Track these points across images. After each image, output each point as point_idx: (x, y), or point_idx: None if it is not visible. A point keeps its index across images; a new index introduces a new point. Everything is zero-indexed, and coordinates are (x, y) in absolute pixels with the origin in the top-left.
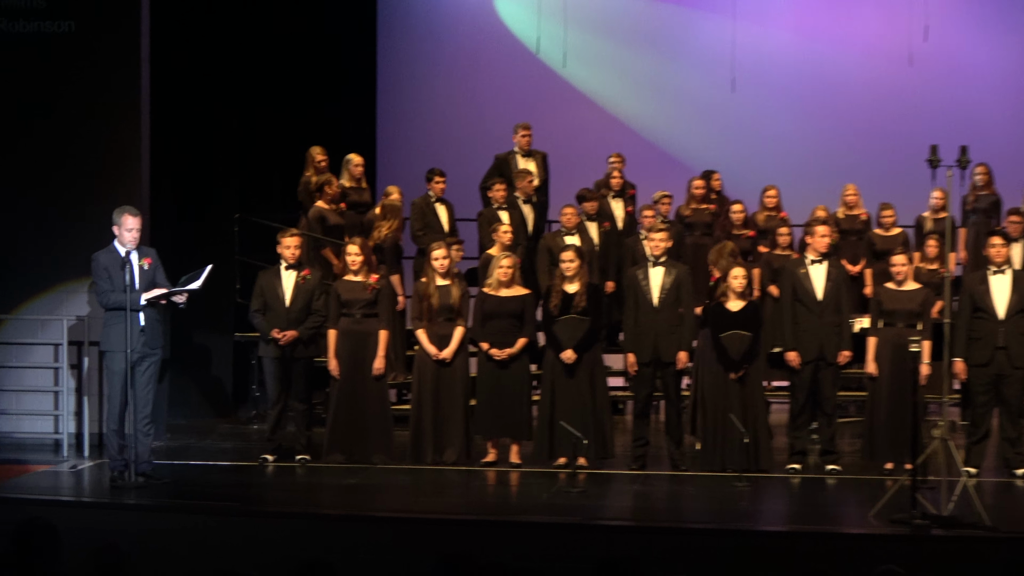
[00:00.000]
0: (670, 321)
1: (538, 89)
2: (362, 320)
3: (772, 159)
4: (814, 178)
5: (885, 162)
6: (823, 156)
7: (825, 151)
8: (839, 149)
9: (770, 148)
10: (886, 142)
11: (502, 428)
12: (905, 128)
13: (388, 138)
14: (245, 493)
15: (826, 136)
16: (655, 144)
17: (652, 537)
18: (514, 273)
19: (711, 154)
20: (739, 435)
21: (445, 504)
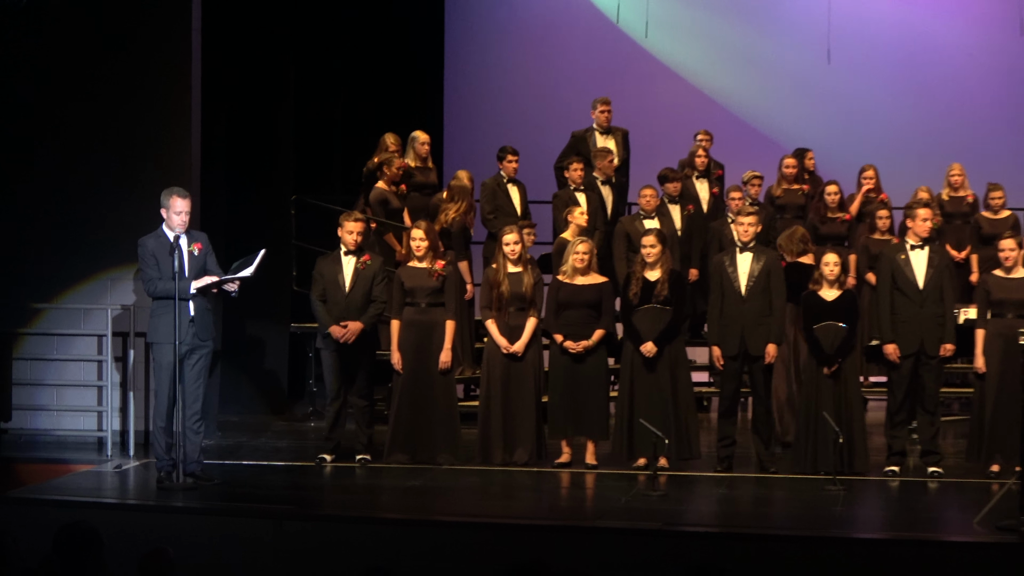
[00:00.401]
0: (759, 311)
1: (618, 61)
2: (427, 310)
3: (870, 136)
4: (916, 157)
5: (994, 139)
6: (926, 133)
7: (928, 127)
8: (944, 125)
9: (868, 124)
10: (995, 117)
11: (577, 426)
12: (1016, 102)
13: (456, 114)
14: (301, 496)
15: (929, 111)
16: (744, 120)
17: (738, 544)
18: (591, 259)
19: (804, 131)
20: (833, 434)
21: (515, 508)
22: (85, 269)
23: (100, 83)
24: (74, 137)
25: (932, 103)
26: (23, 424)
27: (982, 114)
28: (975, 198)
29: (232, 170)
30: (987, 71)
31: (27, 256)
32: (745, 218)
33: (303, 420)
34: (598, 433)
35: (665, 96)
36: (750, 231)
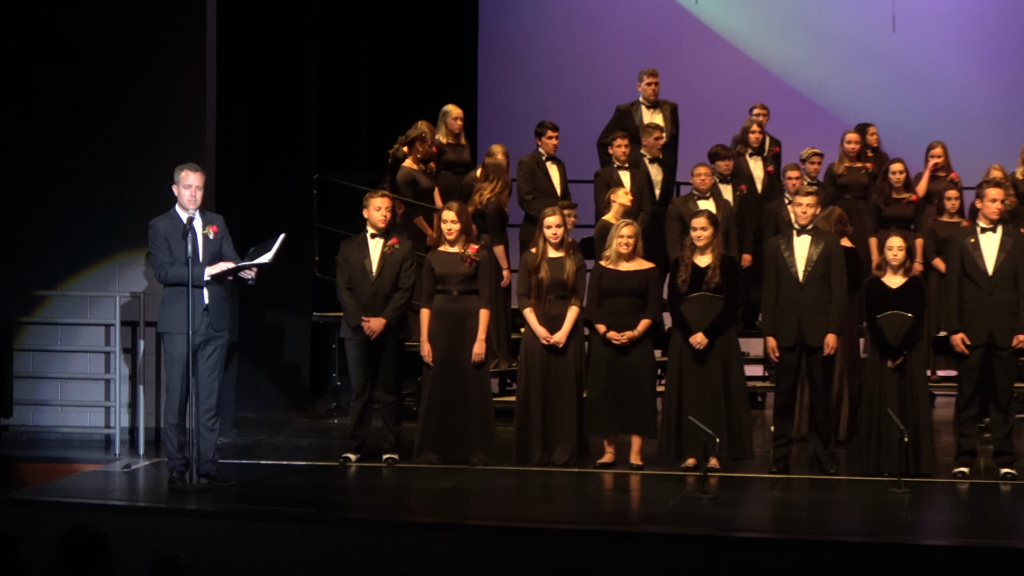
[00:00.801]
0: (817, 299)
1: (667, 29)
2: (459, 298)
3: (939, 110)
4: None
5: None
6: (999, 106)
7: (1001, 101)
8: (1018, 98)
9: (936, 97)
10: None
11: (621, 424)
12: None
13: (492, 87)
14: (324, 498)
15: (1003, 83)
16: (802, 93)
17: (794, 552)
18: (636, 243)
19: (867, 104)
20: (898, 433)
21: (555, 512)
22: (92, 253)
23: (110, 53)
24: (81, 111)
25: (1006, 74)
26: (25, 420)
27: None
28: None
29: (250, 147)
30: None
31: (29, 238)
32: (803, 198)
33: (326, 417)
34: (644, 431)
35: (717, 67)
36: (808, 212)
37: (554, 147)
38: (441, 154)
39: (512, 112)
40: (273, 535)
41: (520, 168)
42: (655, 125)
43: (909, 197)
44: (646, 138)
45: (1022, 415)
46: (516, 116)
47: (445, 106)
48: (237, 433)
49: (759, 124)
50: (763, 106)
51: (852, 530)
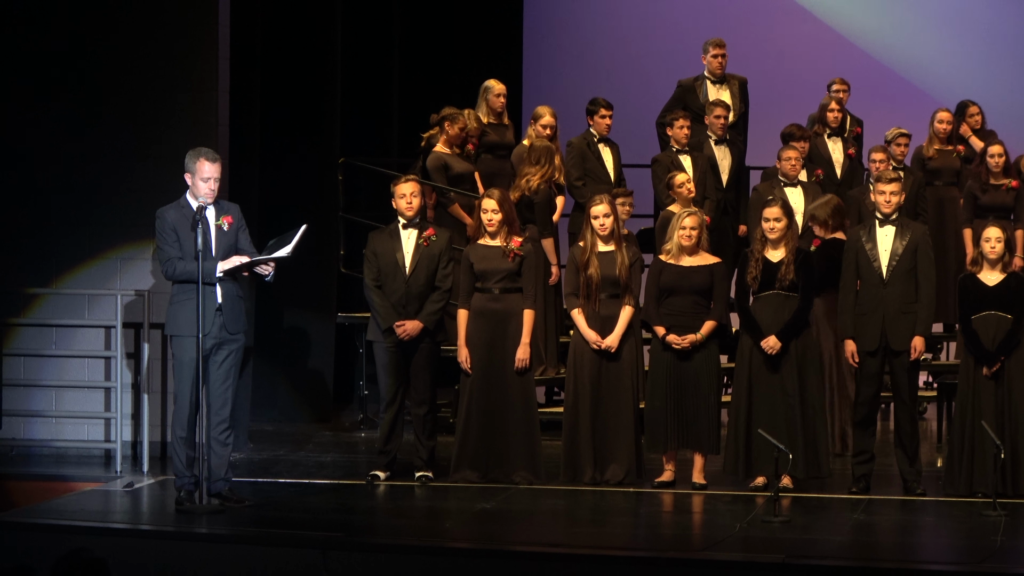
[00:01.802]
0: (903, 297)
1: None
2: (501, 296)
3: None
4: None
5: None
6: None
7: None
8: None
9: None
10: None
11: (683, 438)
12: None
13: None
14: (350, 520)
15: None
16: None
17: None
18: (700, 235)
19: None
20: (994, 449)
21: (608, 536)
22: (91, 246)
23: (113, 26)
24: (81, 89)
25: None
26: (15, 434)
27: None
28: None
29: (268, 128)
30: None
31: (21, 230)
32: (886, 185)
33: (352, 430)
34: (708, 446)
35: (791, 38)
36: (892, 200)
37: (607, 127)
38: (482, 135)
39: (561, 89)
40: (293, 562)
41: (569, 151)
42: (720, 102)
43: (1009, 183)
44: (710, 116)
45: None
46: (565, 93)
47: (487, 81)
48: (252, 448)
49: (838, 101)
50: (843, 81)
51: (941, 557)
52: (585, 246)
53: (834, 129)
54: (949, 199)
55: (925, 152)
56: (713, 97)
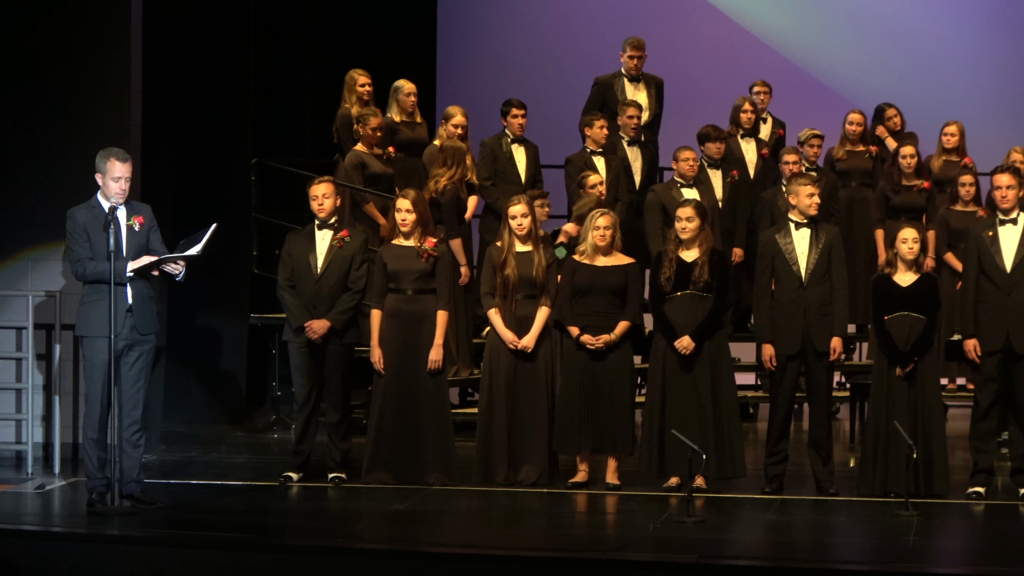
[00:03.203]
0: (820, 300)
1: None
2: (414, 297)
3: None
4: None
5: None
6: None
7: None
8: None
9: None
10: None
11: (596, 439)
12: None
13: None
14: (262, 522)
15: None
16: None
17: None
18: (613, 235)
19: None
20: (906, 449)
21: (522, 537)
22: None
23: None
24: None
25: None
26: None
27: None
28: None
29: (180, 128)
30: None
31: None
32: (802, 187)
33: (265, 431)
34: (622, 447)
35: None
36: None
37: (520, 127)
38: (394, 134)
39: (477, 88)
40: (205, 563)
41: (482, 151)
42: (633, 103)
43: (921, 184)
44: (622, 117)
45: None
46: (481, 92)
47: (397, 81)
48: (165, 449)
49: (752, 103)
50: (764, 83)
51: (855, 557)
52: (503, 246)
53: (747, 130)
54: (860, 200)
55: (836, 153)
56: (630, 96)
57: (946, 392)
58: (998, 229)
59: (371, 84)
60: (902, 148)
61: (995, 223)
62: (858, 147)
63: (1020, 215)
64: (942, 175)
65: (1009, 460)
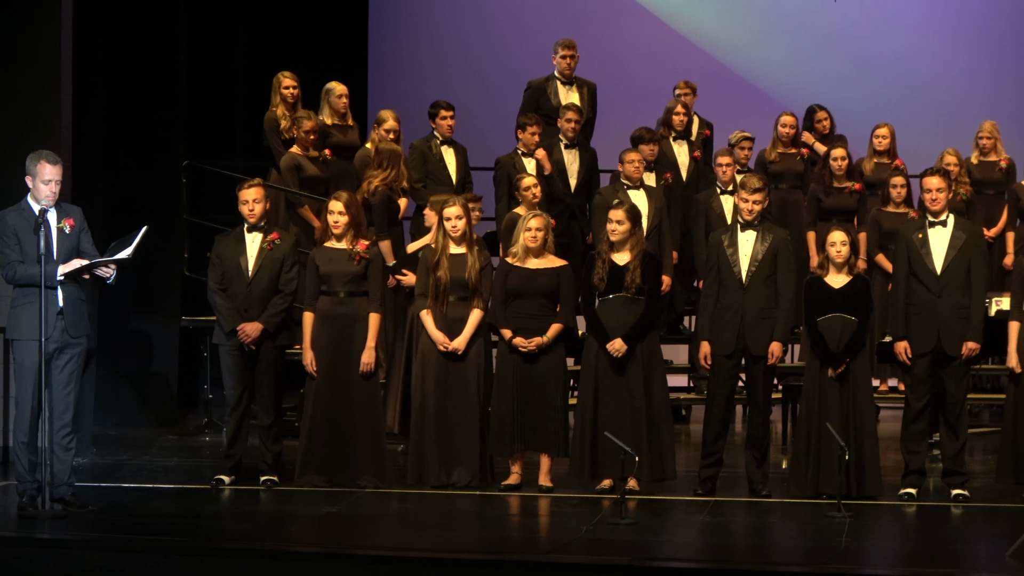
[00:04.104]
0: (762, 303)
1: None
2: (347, 300)
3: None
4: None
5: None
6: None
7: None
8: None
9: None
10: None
11: (529, 441)
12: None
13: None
14: (194, 525)
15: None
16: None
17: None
18: (546, 237)
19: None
20: (838, 450)
21: (455, 540)
22: None
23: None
24: None
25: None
26: None
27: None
28: (1010, 163)
29: (110, 131)
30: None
31: None
32: (750, 194)
33: (196, 434)
34: (554, 449)
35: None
36: (755, 209)
37: (450, 128)
38: (326, 137)
39: (408, 89)
40: (137, 567)
41: (411, 153)
42: (573, 106)
43: (852, 186)
44: (561, 120)
45: (975, 430)
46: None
47: (328, 83)
48: (96, 452)
49: (684, 104)
50: (688, 84)
51: (787, 558)
52: (436, 248)
53: (679, 132)
54: (792, 202)
55: (767, 156)
56: (564, 99)
57: (878, 394)
58: (928, 231)
59: (297, 87)
60: (833, 151)
61: (925, 225)
62: (790, 149)
63: (950, 217)
64: (873, 177)
65: (940, 461)
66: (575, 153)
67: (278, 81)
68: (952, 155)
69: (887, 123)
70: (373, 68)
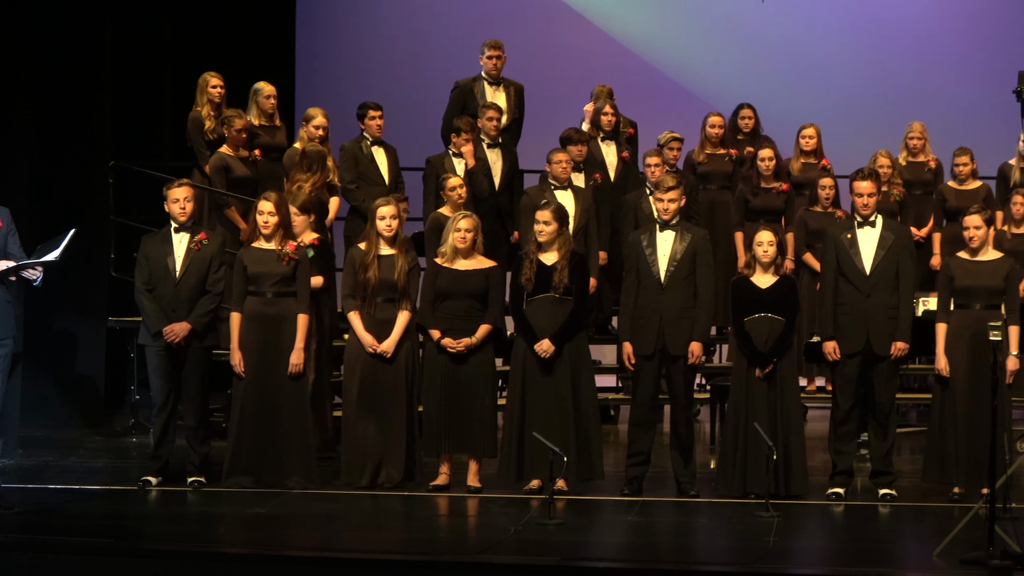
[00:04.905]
0: (681, 303)
1: None
2: (275, 300)
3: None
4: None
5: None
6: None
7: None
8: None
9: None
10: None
11: (457, 442)
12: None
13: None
14: (121, 526)
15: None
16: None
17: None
18: (475, 238)
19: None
20: (766, 450)
21: (383, 540)
22: None
23: None
24: None
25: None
26: None
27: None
28: (939, 164)
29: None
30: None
31: None
32: (665, 193)
33: (123, 435)
34: (483, 450)
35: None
36: (671, 208)
37: (379, 128)
38: (253, 137)
39: (336, 90)
40: (63, 568)
41: (343, 155)
42: (493, 105)
43: (779, 186)
44: (482, 119)
45: (903, 429)
46: (341, 94)
47: (256, 83)
48: (22, 454)
49: (613, 106)
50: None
51: (715, 558)
52: (368, 248)
53: (608, 133)
54: (721, 203)
55: (695, 157)
56: (490, 99)
57: (805, 393)
58: (857, 231)
59: (223, 87)
60: (760, 151)
61: (854, 225)
62: (718, 150)
63: (878, 218)
64: (800, 177)
65: (868, 461)
66: (498, 152)
67: (204, 81)
68: (884, 156)
69: (813, 123)
70: (300, 68)
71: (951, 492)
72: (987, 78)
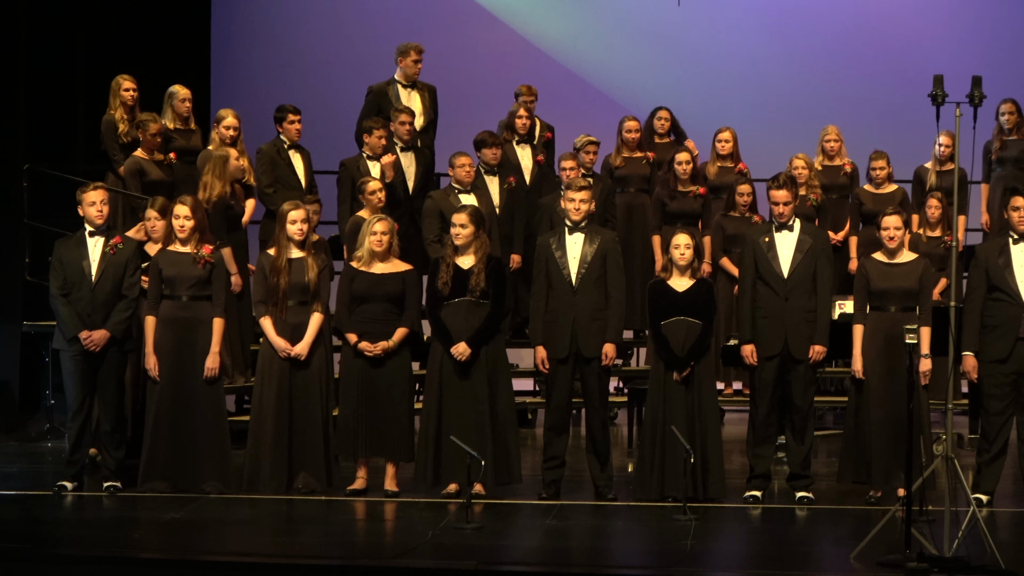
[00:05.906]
0: (593, 305)
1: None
2: (190, 304)
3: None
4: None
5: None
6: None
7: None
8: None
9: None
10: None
11: (374, 446)
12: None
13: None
14: (36, 531)
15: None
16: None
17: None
18: (391, 241)
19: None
20: (683, 453)
21: (299, 545)
22: None
23: None
24: None
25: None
26: None
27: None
28: (855, 168)
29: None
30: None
31: None
32: (576, 193)
33: (39, 439)
34: (399, 454)
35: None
36: (582, 209)
37: (297, 132)
38: (168, 141)
39: (252, 93)
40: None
41: (259, 158)
42: (405, 108)
43: (697, 190)
44: (395, 123)
45: (820, 432)
46: (256, 97)
47: (171, 87)
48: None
49: (527, 108)
50: (529, 88)
51: (633, 561)
52: (278, 252)
53: (523, 136)
54: (638, 206)
55: (613, 160)
56: (404, 102)
57: (722, 397)
58: (774, 235)
59: (136, 90)
60: (677, 155)
61: (771, 229)
62: (635, 153)
63: (796, 222)
64: (717, 181)
65: (785, 464)
66: (411, 156)
67: (117, 84)
68: (801, 160)
69: (729, 127)
70: (216, 72)
71: (868, 495)
72: (902, 82)
